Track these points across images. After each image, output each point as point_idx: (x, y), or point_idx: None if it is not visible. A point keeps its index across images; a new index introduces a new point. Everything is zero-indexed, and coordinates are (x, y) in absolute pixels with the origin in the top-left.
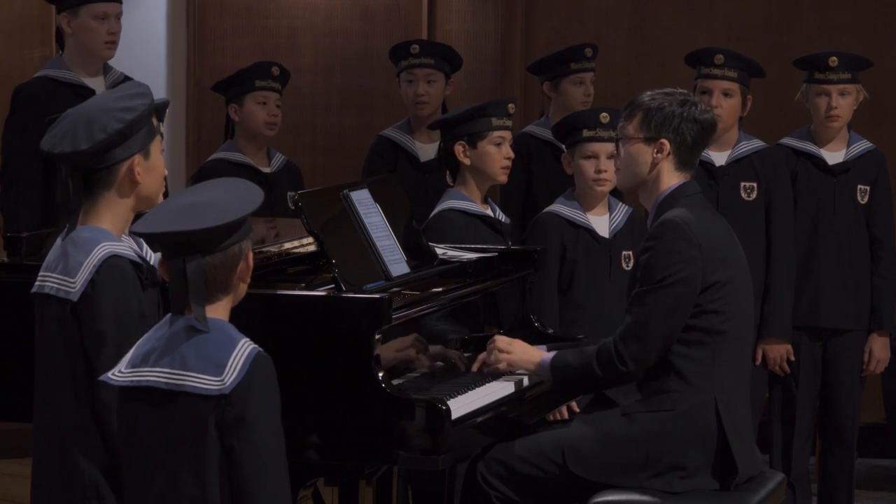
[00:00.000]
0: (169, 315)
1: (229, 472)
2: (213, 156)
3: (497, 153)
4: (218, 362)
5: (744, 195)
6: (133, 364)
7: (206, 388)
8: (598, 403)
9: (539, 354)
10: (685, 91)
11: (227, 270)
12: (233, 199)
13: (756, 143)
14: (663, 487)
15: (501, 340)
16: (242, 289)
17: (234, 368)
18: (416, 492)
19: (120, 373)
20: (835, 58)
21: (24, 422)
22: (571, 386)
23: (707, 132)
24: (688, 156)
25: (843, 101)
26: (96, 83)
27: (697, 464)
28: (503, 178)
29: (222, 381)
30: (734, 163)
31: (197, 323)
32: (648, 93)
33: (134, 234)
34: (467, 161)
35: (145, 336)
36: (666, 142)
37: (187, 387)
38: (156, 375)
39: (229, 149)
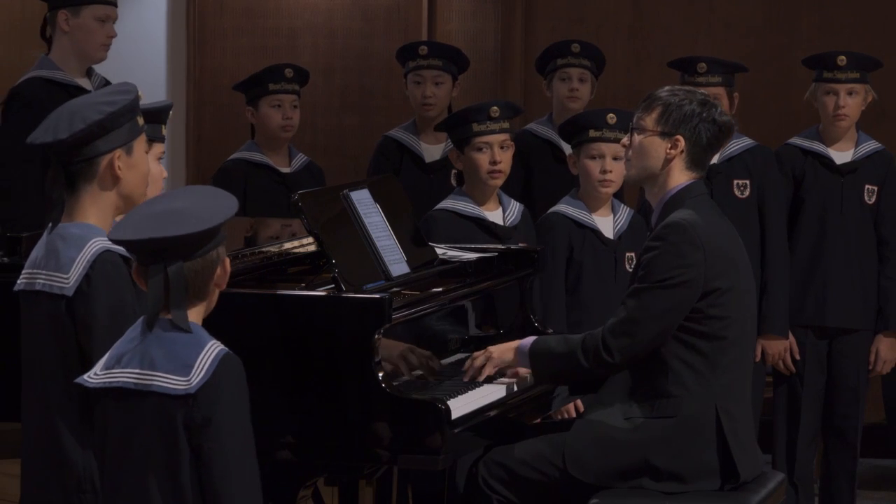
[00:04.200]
0: (143, 318)
1: (198, 472)
2: (234, 155)
3: (481, 158)
4: (185, 362)
5: (737, 193)
6: (107, 366)
7: (174, 388)
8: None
9: (516, 343)
10: (705, 92)
11: (206, 276)
12: (208, 205)
13: (746, 141)
14: (662, 491)
15: (477, 354)
16: (216, 295)
17: (202, 368)
18: (416, 492)
19: (95, 375)
20: (843, 57)
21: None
22: (551, 373)
23: (724, 135)
24: (700, 156)
25: (850, 101)
26: (85, 84)
27: (696, 470)
28: (492, 183)
29: (189, 380)
30: (726, 161)
31: (175, 322)
32: (668, 88)
33: (112, 240)
34: (459, 166)
35: (120, 339)
36: (681, 138)
37: (155, 386)
38: (125, 376)
39: (250, 148)
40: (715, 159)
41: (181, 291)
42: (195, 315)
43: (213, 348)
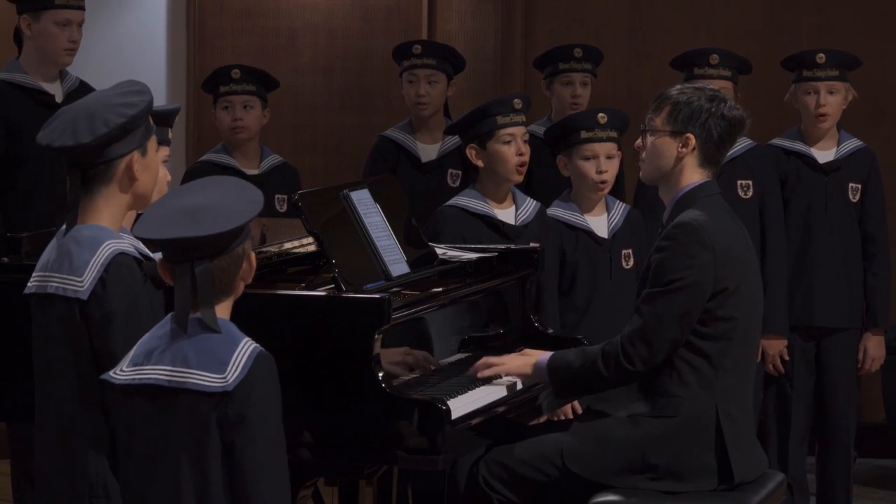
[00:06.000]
0: (171, 314)
1: (230, 469)
2: (202, 158)
3: (508, 151)
4: (220, 360)
5: (741, 193)
6: (135, 363)
7: (209, 386)
8: (596, 410)
9: (533, 358)
10: (715, 88)
11: (233, 272)
12: (234, 201)
13: (746, 142)
14: (659, 489)
15: (489, 357)
16: (241, 287)
17: (237, 366)
18: (416, 492)
19: (122, 371)
20: (822, 55)
21: (27, 422)
22: (571, 386)
23: (735, 129)
24: (713, 152)
25: (831, 99)
26: (53, 88)
27: (693, 470)
28: (517, 178)
29: (225, 378)
30: (729, 161)
31: (205, 321)
32: (678, 86)
33: (139, 238)
34: (480, 163)
35: (147, 335)
36: (691, 136)
37: (189, 384)
38: (157, 373)
39: (218, 151)
40: None
41: (209, 290)
42: (223, 310)
43: (248, 346)
